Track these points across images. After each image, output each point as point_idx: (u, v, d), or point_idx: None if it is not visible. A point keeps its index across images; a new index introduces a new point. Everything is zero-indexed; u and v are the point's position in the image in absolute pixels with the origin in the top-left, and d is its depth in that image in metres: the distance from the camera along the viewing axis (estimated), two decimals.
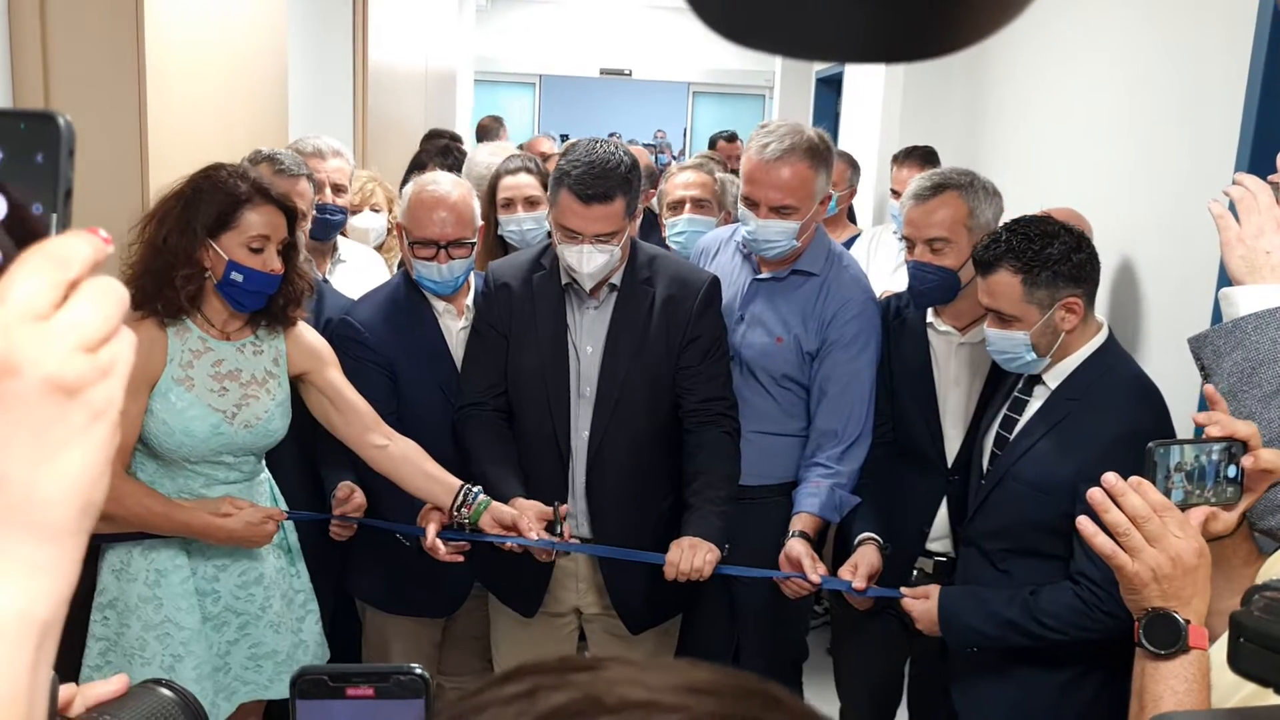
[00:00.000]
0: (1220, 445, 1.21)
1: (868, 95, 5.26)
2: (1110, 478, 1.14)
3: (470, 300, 2.42)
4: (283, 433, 2.13)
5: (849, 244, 3.66)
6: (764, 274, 2.46)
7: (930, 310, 2.38)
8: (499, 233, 2.85)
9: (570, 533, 2.20)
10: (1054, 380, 2.08)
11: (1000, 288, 2.03)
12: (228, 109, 2.98)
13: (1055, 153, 3.32)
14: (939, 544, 2.36)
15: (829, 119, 6.46)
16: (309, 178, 2.62)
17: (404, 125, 5.58)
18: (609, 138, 2.37)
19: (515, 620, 2.41)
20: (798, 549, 2.19)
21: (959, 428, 2.35)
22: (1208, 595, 1.13)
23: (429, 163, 3.63)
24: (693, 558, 2.09)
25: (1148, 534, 1.12)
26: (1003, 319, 2.05)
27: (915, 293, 2.36)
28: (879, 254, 3.91)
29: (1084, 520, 1.18)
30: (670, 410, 2.31)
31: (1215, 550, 1.17)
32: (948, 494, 2.34)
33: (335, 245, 2.94)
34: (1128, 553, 1.13)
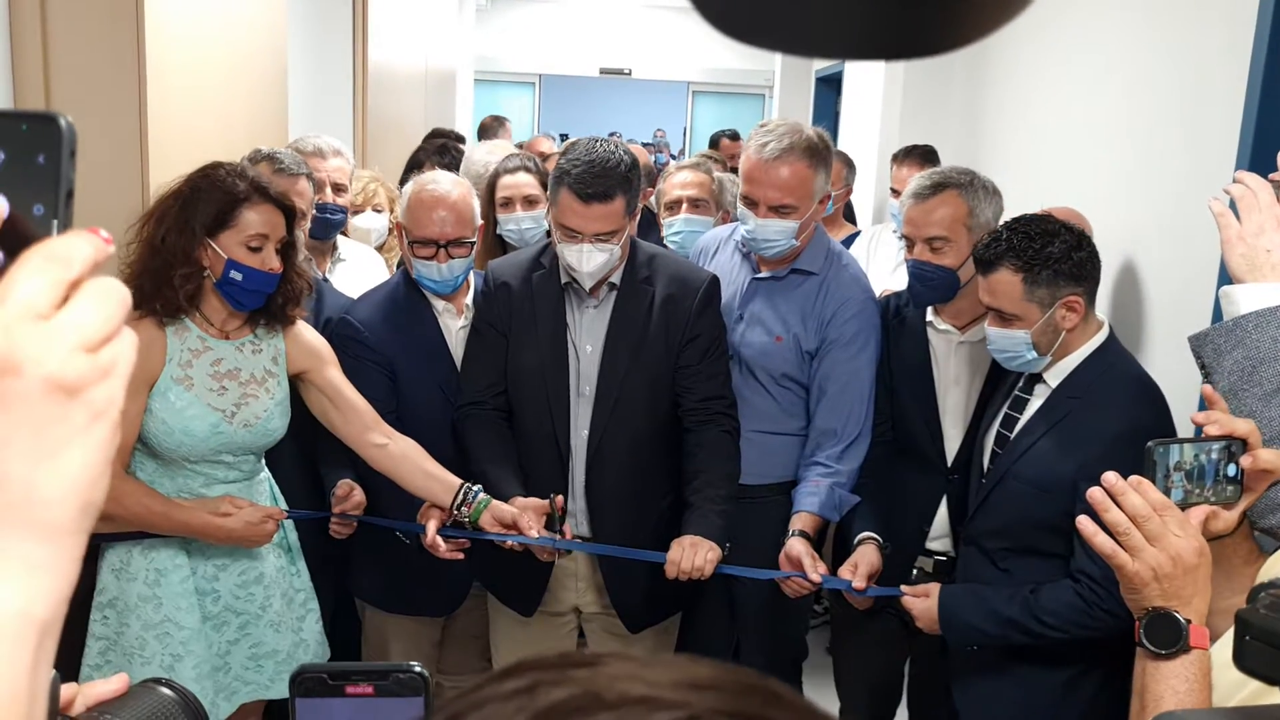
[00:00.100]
0: (1220, 444, 1.21)
1: (868, 94, 5.26)
2: (1110, 477, 1.14)
3: (470, 299, 2.42)
4: (282, 432, 2.13)
5: (847, 243, 3.66)
6: (763, 273, 2.46)
7: (930, 309, 2.38)
8: (497, 232, 2.85)
9: (570, 531, 2.20)
10: (1055, 379, 2.08)
11: (1001, 286, 2.03)
12: (228, 108, 2.98)
13: (1055, 152, 3.31)
14: (938, 543, 2.36)
15: (829, 118, 6.45)
16: (308, 177, 2.62)
17: (404, 125, 5.57)
18: (610, 137, 2.37)
19: (514, 619, 2.41)
20: (798, 548, 2.19)
21: (958, 427, 2.35)
22: (1208, 594, 1.12)
23: (426, 161, 3.62)
24: (694, 556, 2.09)
25: (1148, 533, 1.12)
26: (1003, 318, 2.05)
27: (915, 292, 2.36)
28: (879, 253, 3.91)
29: (1084, 520, 1.17)
30: (670, 409, 2.31)
31: (1215, 549, 1.17)
32: (947, 493, 2.34)
33: (335, 244, 2.94)
34: (1128, 552, 1.13)
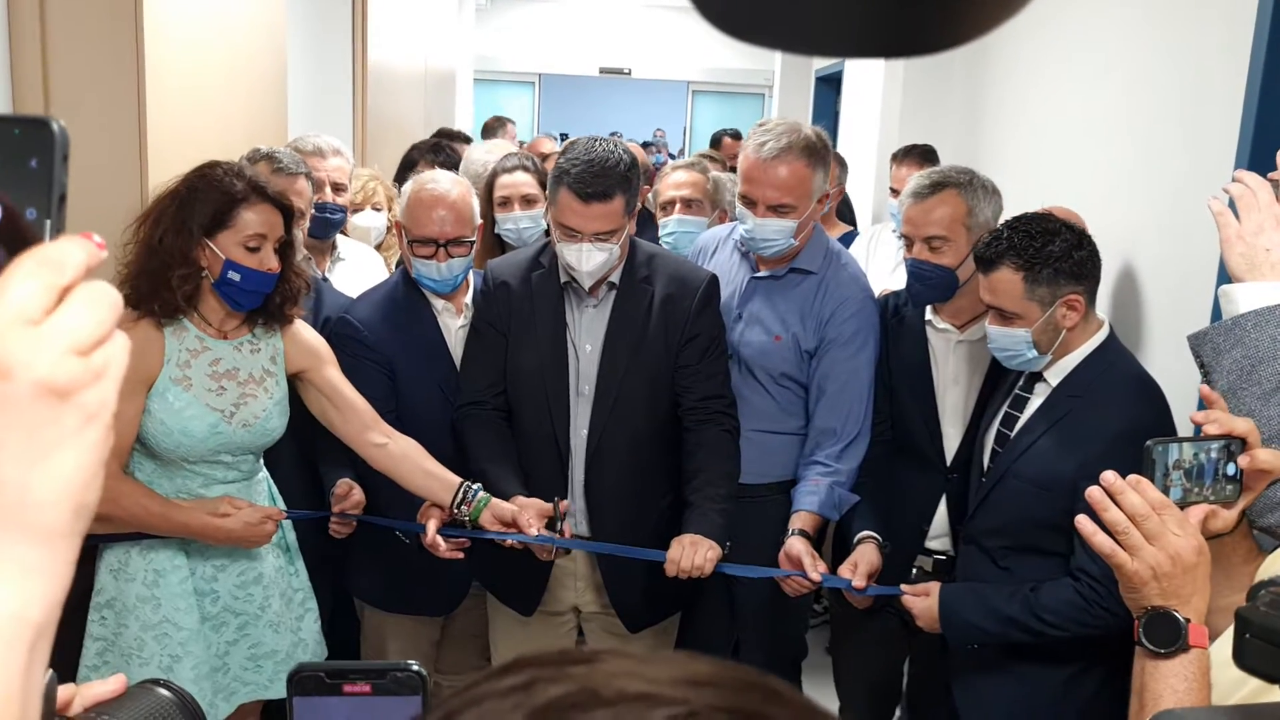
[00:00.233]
0: (1219, 443, 1.20)
1: (867, 94, 5.26)
2: (1109, 476, 1.14)
3: (469, 298, 2.42)
4: (281, 431, 2.13)
5: (843, 242, 3.66)
6: (762, 272, 2.46)
7: (929, 308, 2.38)
8: (495, 231, 2.85)
9: (570, 531, 2.20)
10: (1055, 377, 2.08)
11: (1002, 285, 2.03)
12: (227, 108, 2.97)
13: (1055, 151, 3.31)
14: (938, 542, 2.36)
15: (828, 117, 6.45)
16: (307, 176, 2.62)
17: (403, 124, 5.57)
18: (610, 136, 2.37)
19: (514, 619, 2.41)
20: (797, 547, 2.19)
21: (957, 426, 2.35)
22: (1207, 593, 1.12)
23: (420, 160, 3.62)
24: (694, 555, 2.09)
25: (1147, 532, 1.12)
26: (1004, 316, 2.05)
27: (913, 291, 2.36)
28: (878, 252, 3.91)
29: (1083, 519, 1.17)
30: (669, 409, 2.30)
31: (1214, 548, 1.16)
32: (947, 492, 2.34)
33: (334, 244, 2.94)
34: (1127, 551, 1.12)
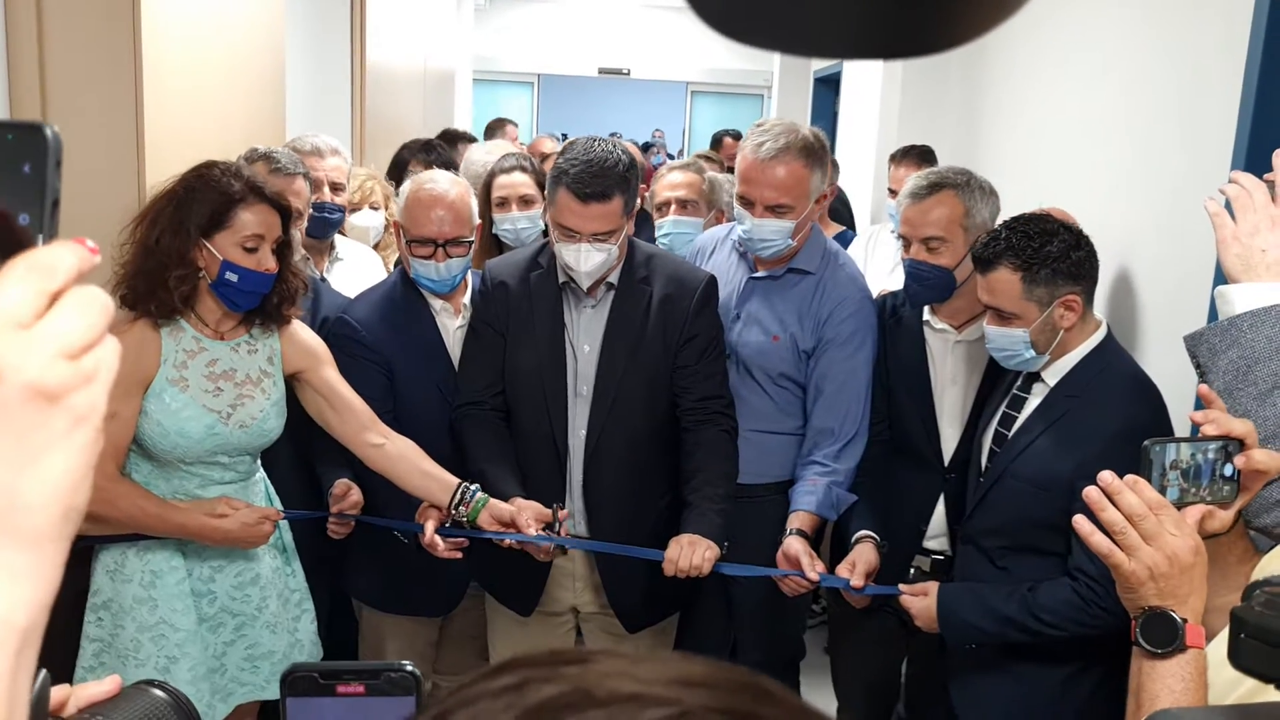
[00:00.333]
0: (1216, 444, 1.20)
1: (866, 94, 5.26)
2: (1106, 476, 1.14)
3: (467, 299, 2.42)
4: (278, 432, 2.12)
5: (839, 242, 3.66)
6: (760, 272, 2.46)
7: (926, 308, 2.38)
8: (493, 231, 2.85)
9: (568, 533, 2.20)
10: (1053, 377, 2.08)
11: (1000, 285, 2.03)
12: (225, 108, 2.97)
13: (1052, 151, 3.31)
14: (936, 542, 2.36)
15: (827, 118, 6.46)
16: (305, 176, 2.62)
17: (402, 124, 5.57)
18: (610, 137, 2.37)
19: (512, 619, 2.41)
20: (795, 547, 2.19)
21: (955, 426, 2.35)
22: (1204, 593, 1.12)
23: (411, 159, 3.62)
24: (692, 554, 2.09)
25: (1144, 532, 1.12)
26: (1002, 316, 2.05)
27: (911, 291, 2.36)
28: (877, 253, 3.92)
29: (1080, 519, 1.17)
30: (667, 409, 2.30)
31: (1211, 548, 1.16)
32: (944, 492, 2.34)
33: (333, 244, 2.94)
34: (1124, 551, 1.12)
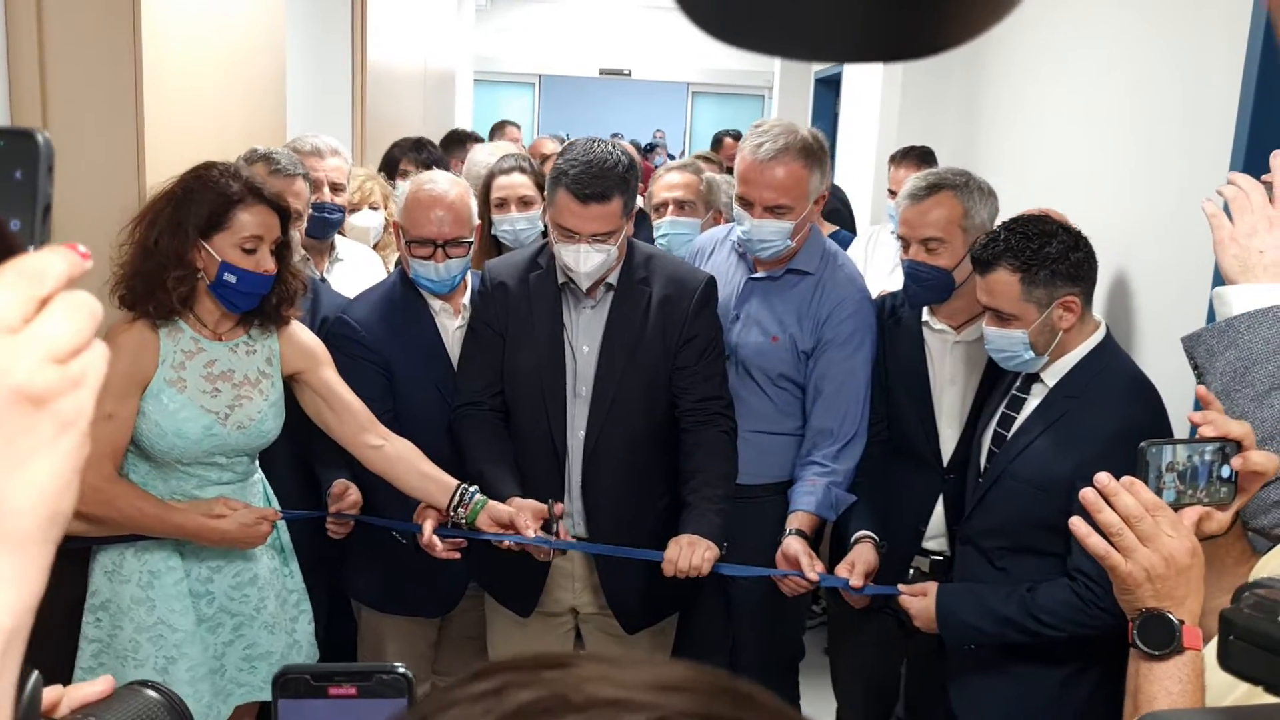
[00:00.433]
0: (1213, 445, 1.20)
1: (866, 95, 5.26)
2: (1103, 477, 1.14)
3: (467, 299, 2.42)
4: (276, 433, 2.12)
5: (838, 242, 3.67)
6: (759, 273, 2.46)
7: (925, 309, 2.38)
8: (492, 232, 2.85)
9: (566, 532, 2.20)
10: (1052, 378, 2.08)
11: (999, 286, 2.03)
12: (225, 108, 2.97)
13: (1052, 152, 3.31)
14: (935, 542, 2.36)
15: (828, 119, 6.46)
16: (305, 177, 2.62)
17: (402, 125, 5.57)
18: (611, 138, 2.37)
19: (511, 620, 2.41)
20: (795, 547, 2.19)
21: (954, 426, 2.35)
22: (1201, 595, 1.12)
23: (402, 158, 3.62)
24: (691, 555, 2.09)
25: (1141, 533, 1.12)
26: (1001, 317, 2.05)
27: (910, 292, 2.36)
28: (877, 253, 3.91)
29: (1077, 521, 1.17)
30: (666, 410, 2.30)
31: (1208, 549, 1.16)
32: (943, 492, 2.34)
33: (333, 244, 2.94)
34: (1121, 553, 1.12)
